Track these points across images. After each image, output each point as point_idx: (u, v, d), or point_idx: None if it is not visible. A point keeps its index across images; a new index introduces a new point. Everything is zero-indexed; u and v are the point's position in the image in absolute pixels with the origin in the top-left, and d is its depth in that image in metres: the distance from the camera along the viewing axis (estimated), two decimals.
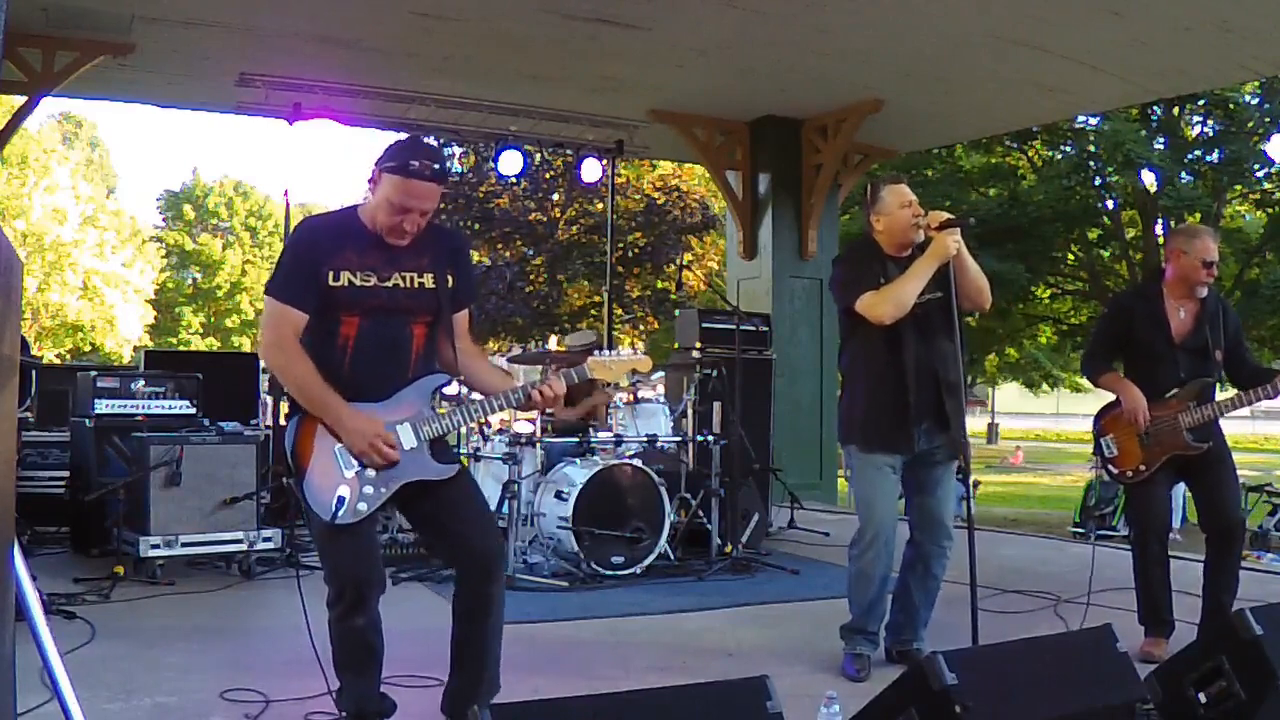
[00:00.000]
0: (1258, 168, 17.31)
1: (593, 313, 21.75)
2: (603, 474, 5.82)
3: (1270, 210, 18.25)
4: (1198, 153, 17.48)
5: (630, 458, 6.14)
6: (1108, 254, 19.87)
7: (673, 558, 6.11)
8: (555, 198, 21.59)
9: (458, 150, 16.20)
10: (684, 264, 13.19)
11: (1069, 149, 17.91)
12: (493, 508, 5.84)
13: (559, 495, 5.85)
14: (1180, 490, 7.13)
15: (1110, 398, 4.46)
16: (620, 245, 19.86)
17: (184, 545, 5.38)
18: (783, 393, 8.81)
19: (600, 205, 19.57)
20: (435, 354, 3.07)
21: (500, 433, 6.63)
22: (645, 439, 6.37)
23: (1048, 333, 22.20)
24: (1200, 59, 7.96)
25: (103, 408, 5.98)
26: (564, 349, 6.80)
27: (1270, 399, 4.19)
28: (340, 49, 7.69)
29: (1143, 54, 7.67)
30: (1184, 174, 17.17)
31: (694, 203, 21.37)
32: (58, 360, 24.21)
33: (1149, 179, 17.49)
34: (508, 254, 21.81)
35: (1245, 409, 4.32)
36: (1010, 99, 9.03)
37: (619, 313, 18.27)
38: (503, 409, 3.20)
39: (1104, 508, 13.50)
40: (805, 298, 9.93)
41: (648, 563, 5.85)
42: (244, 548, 5.53)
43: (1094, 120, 16.46)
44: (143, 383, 6.13)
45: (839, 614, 4.16)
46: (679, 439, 6.65)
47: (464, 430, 6.64)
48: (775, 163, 9.88)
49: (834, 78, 8.50)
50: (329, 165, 22.30)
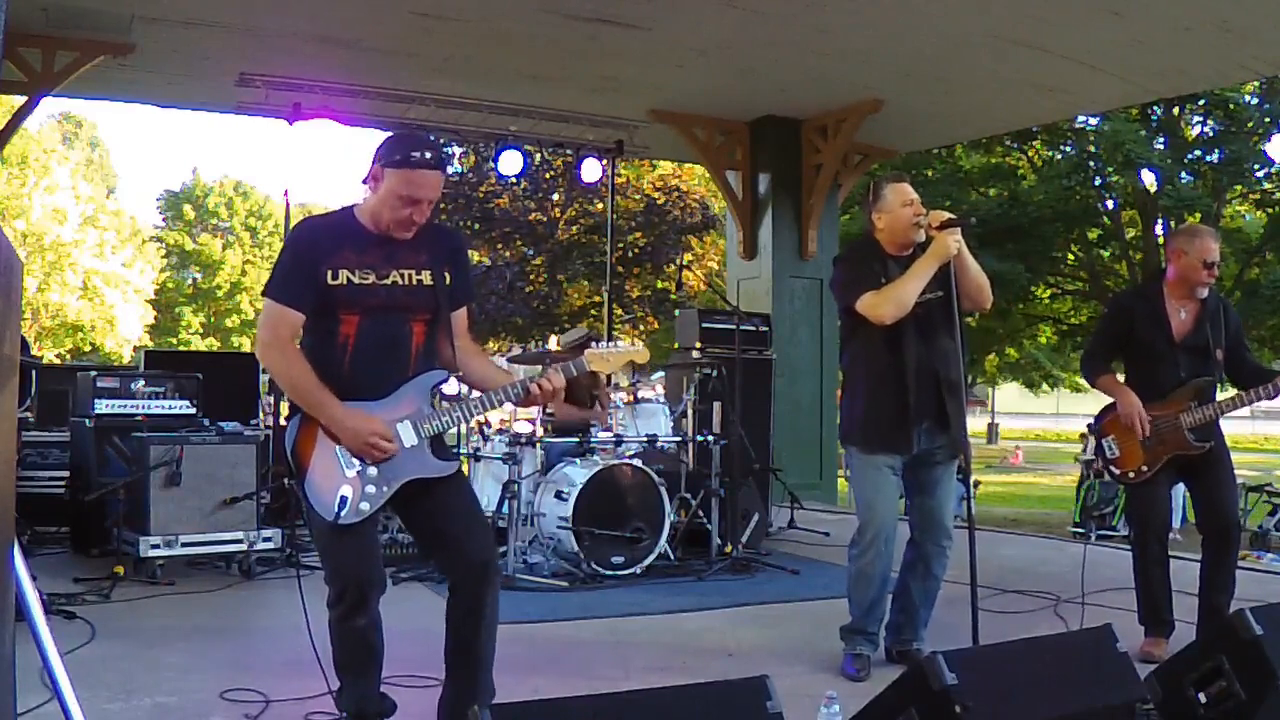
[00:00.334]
0: (1258, 168, 17.31)
1: (593, 313, 21.74)
2: (603, 474, 5.82)
3: (1270, 210, 18.25)
4: (1198, 153, 17.48)
5: (630, 458, 6.13)
6: (1108, 254, 19.87)
7: (673, 558, 6.11)
8: (555, 198, 21.59)
9: (458, 150, 16.22)
10: (684, 264, 13.18)
11: (1069, 149, 17.91)
12: (493, 508, 5.86)
13: (559, 495, 5.85)
14: (1180, 490, 7.14)
15: (1110, 399, 4.46)
16: (620, 245, 19.86)
17: (184, 545, 5.38)
18: (783, 393, 8.82)
19: (600, 205, 19.58)
20: (435, 352, 3.07)
21: (500, 433, 6.63)
22: (645, 439, 6.37)
23: (1048, 333, 22.20)
24: (1200, 59, 7.96)
25: (103, 408, 5.98)
26: (561, 349, 6.79)
27: (1271, 399, 4.19)
28: (340, 49, 7.69)
29: (1143, 54, 7.68)
30: (1184, 174, 17.17)
31: (694, 203, 21.38)
32: (58, 360, 24.20)
33: (1149, 179, 17.49)
34: (508, 254, 21.82)
35: (1245, 409, 4.32)
36: (1010, 99, 9.03)
37: (619, 313, 18.26)
38: (502, 405, 3.19)
39: (1104, 508, 13.51)
40: (805, 298, 9.93)
41: (648, 563, 5.85)
42: (244, 548, 5.54)
43: (1094, 120, 16.47)
44: (143, 383, 6.13)
45: (839, 614, 4.16)
46: (679, 439, 6.65)
47: (464, 429, 6.64)
48: (775, 163, 9.88)
49: (834, 78, 8.50)
50: (329, 165, 22.27)
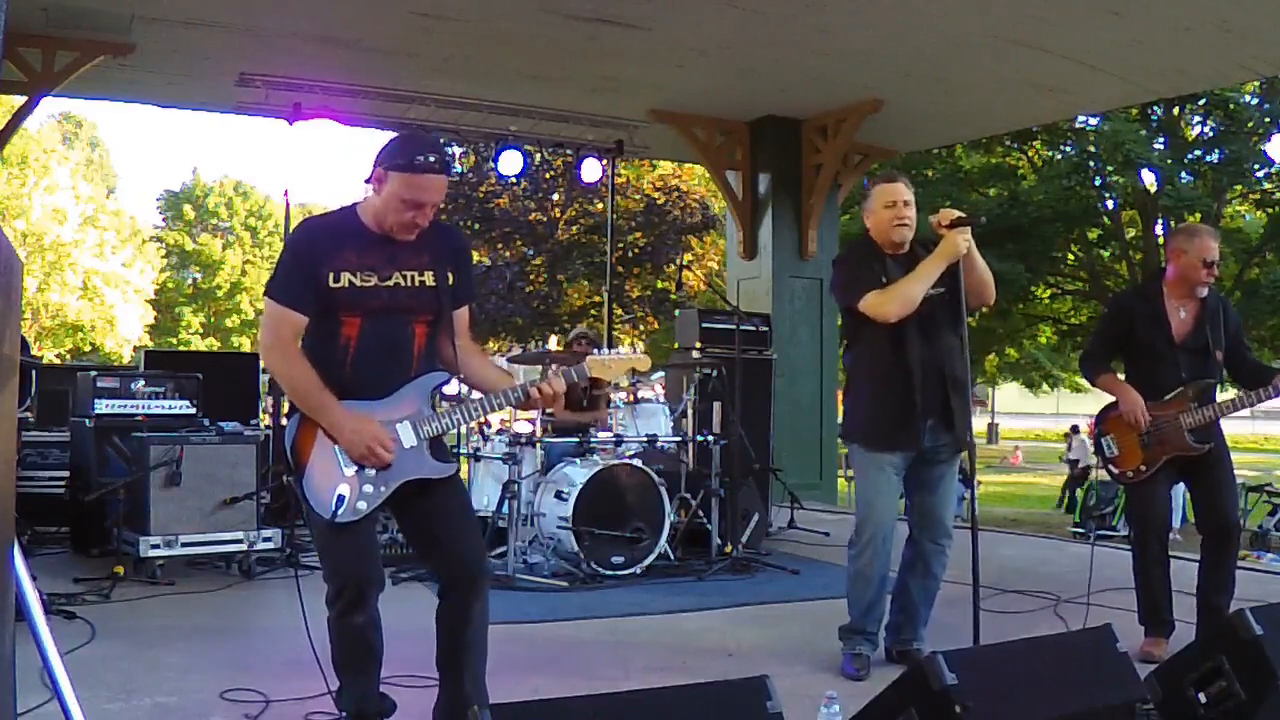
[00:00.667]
0: (1258, 168, 17.33)
1: (593, 313, 21.74)
2: (603, 474, 5.82)
3: (1270, 210, 18.27)
4: (1198, 153, 17.49)
5: (630, 458, 6.13)
6: (1108, 254, 19.89)
7: (673, 558, 6.11)
8: (555, 198, 21.59)
9: (458, 150, 16.20)
10: (684, 264, 13.20)
11: (1069, 149, 17.93)
12: (493, 508, 5.86)
13: (559, 495, 5.84)
14: (1180, 490, 7.14)
15: (1111, 398, 4.46)
16: (620, 245, 19.86)
17: (184, 545, 5.37)
18: (783, 393, 8.81)
19: (600, 205, 19.58)
20: (436, 352, 3.07)
21: (500, 433, 6.63)
22: (645, 439, 6.37)
23: (1048, 333, 22.22)
24: (1200, 59, 7.96)
25: (103, 408, 5.97)
26: (563, 348, 6.80)
27: (1273, 398, 4.19)
28: (340, 49, 7.69)
29: (1143, 54, 7.67)
30: (1184, 174, 17.19)
31: (694, 203, 21.38)
32: (58, 360, 24.20)
33: (1149, 179, 17.51)
34: (508, 254, 21.82)
35: (1245, 409, 4.31)
36: (1010, 99, 9.03)
37: (619, 313, 18.28)
38: (502, 407, 3.19)
39: (1104, 508, 13.53)
40: (805, 298, 9.92)
41: (648, 563, 5.84)
42: (244, 548, 5.53)
43: (1094, 120, 16.47)
44: (143, 383, 6.12)
45: (839, 614, 4.16)
46: (679, 439, 6.65)
47: (464, 430, 6.64)
48: (775, 163, 9.88)
49: (834, 78, 8.50)
50: (329, 165, 22.30)
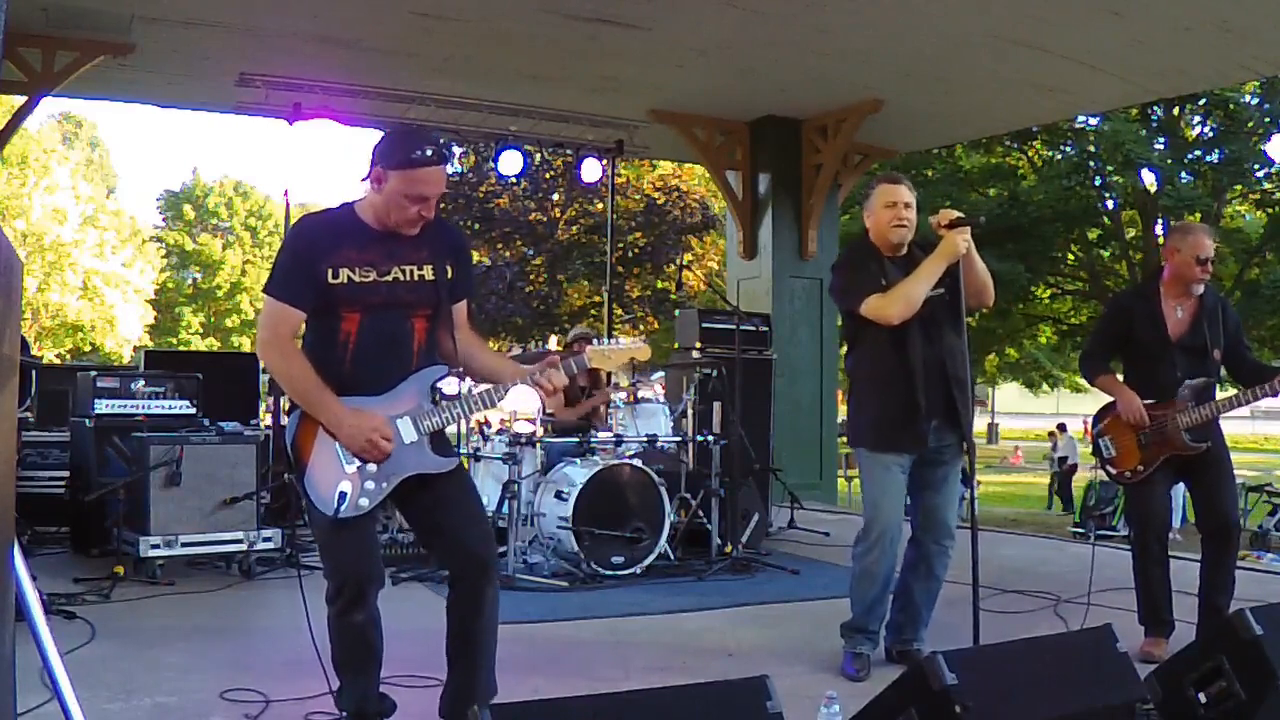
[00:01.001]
0: (1258, 168, 17.34)
1: (593, 313, 21.75)
2: (603, 474, 5.81)
3: (1270, 210, 18.27)
4: (1198, 153, 17.50)
5: (630, 458, 6.13)
6: (1108, 254, 19.90)
7: (673, 558, 6.10)
8: (555, 198, 21.60)
9: (458, 150, 16.21)
10: (684, 264, 13.20)
11: (1069, 149, 17.93)
12: (493, 508, 5.86)
13: (559, 495, 5.84)
14: (1180, 490, 7.14)
15: (1110, 398, 4.46)
16: (620, 245, 19.87)
17: (184, 545, 5.37)
18: (783, 393, 8.81)
19: (600, 205, 19.58)
20: (436, 347, 3.07)
21: (500, 433, 6.62)
22: (645, 439, 6.36)
23: (1048, 333, 22.23)
24: (1200, 59, 7.96)
25: (103, 408, 5.97)
26: (562, 349, 6.79)
27: (1271, 397, 4.18)
28: (340, 49, 7.69)
29: (1143, 54, 7.68)
30: (1184, 174, 17.20)
31: (694, 203, 21.39)
32: (58, 360, 24.21)
33: (1149, 179, 17.51)
34: (508, 254, 21.82)
35: (1245, 408, 4.31)
36: (1010, 99, 9.03)
37: (619, 313, 18.27)
38: (502, 400, 3.16)
39: (1104, 508, 13.52)
40: (805, 298, 9.93)
41: (648, 563, 5.84)
42: (244, 548, 5.53)
43: (1094, 120, 16.48)
44: (143, 383, 6.12)
45: (839, 614, 4.16)
46: (679, 439, 6.64)
47: (464, 429, 6.64)
48: (775, 163, 9.88)
49: (834, 78, 8.50)
50: (329, 165, 22.25)
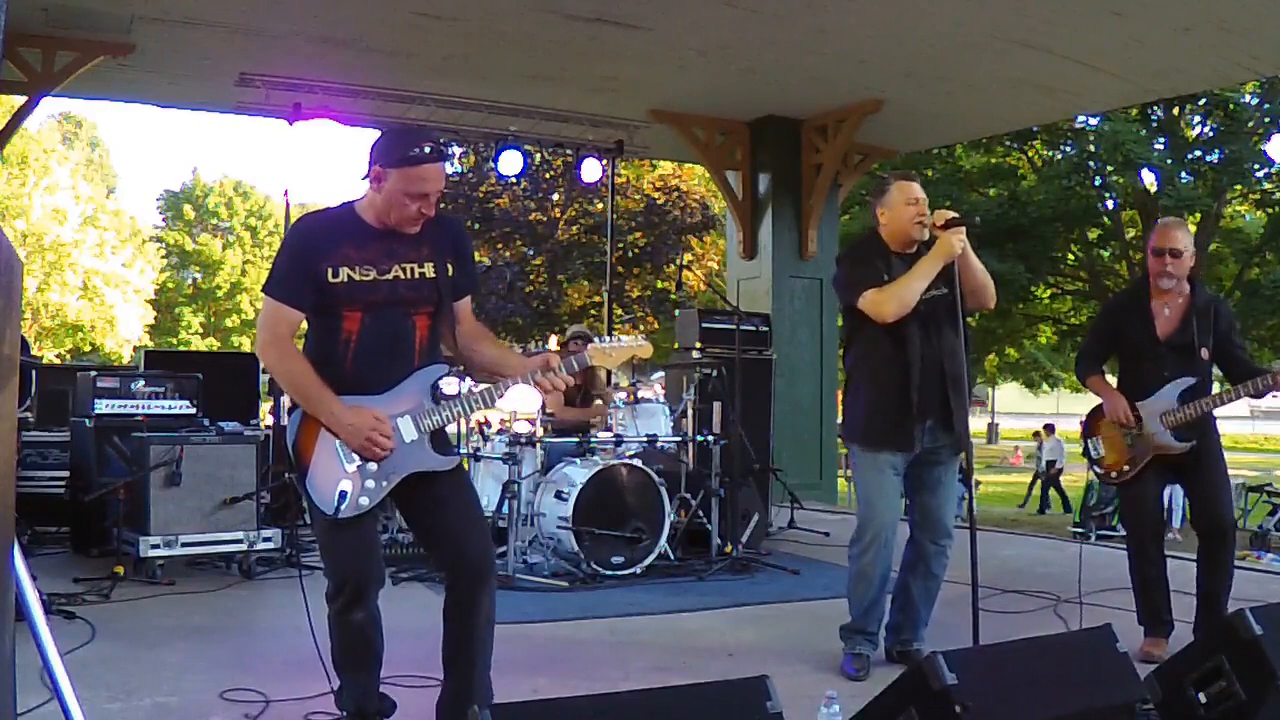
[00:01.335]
0: (1258, 168, 17.33)
1: (593, 313, 21.75)
2: (603, 474, 5.81)
3: (1270, 210, 18.27)
4: (1198, 153, 17.49)
5: (630, 458, 6.13)
6: (1108, 254, 19.90)
7: (673, 558, 6.10)
8: (555, 198, 21.61)
9: (458, 150, 16.21)
10: (684, 264, 13.21)
11: (1069, 149, 17.93)
12: (493, 508, 5.86)
13: (559, 495, 5.84)
14: (1180, 490, 7.14)
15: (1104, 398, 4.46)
16: (620, 245, 19.88)
17: (184, 545, 5.37)
18: (783, 393, 8.82)
19: (600, 205, 19.59)
20: (438, 345, 3.06)
21: (500, 433, 6.62)
22: (645, 439, 6.36)
23: (1048, 333, 22.23)
24: (1200, 59, 7.96)
25: (103, 408, 5.98)
26: (560, 348, 6.79)
27: (1256, 397, 4.16)
28: (340, 49, 7.69)
29: (1143, 54, 7.68)
30: (1184, 174, 17.19)
31: (694, 203, 21.39)
32: (58, 360, 24.20)
33: (1149, 179, 17.51)
34: (508, 254, 21.83)
35: (1245, 409, 4.30)
36: (1010, 99, 9.03)
37: (619, 313, 18.26)
38: (502, 397, 3.15)
39: (1104, 508, 13.51)
40: (805, 298, 9.93)
41: (648, 563, 5.84)
42: (244, 548, 5.53)
43: (1094, 120, 16.48)
44: (143, 383, 6.12)
45: (839, 614, 4.16)
46: (679, 439, 6.64)
47: (464, 429, 6.64)
48: (775, 163, 9.88)
49: (834, 78, 8.50)
50: (329, 165, 22.30)
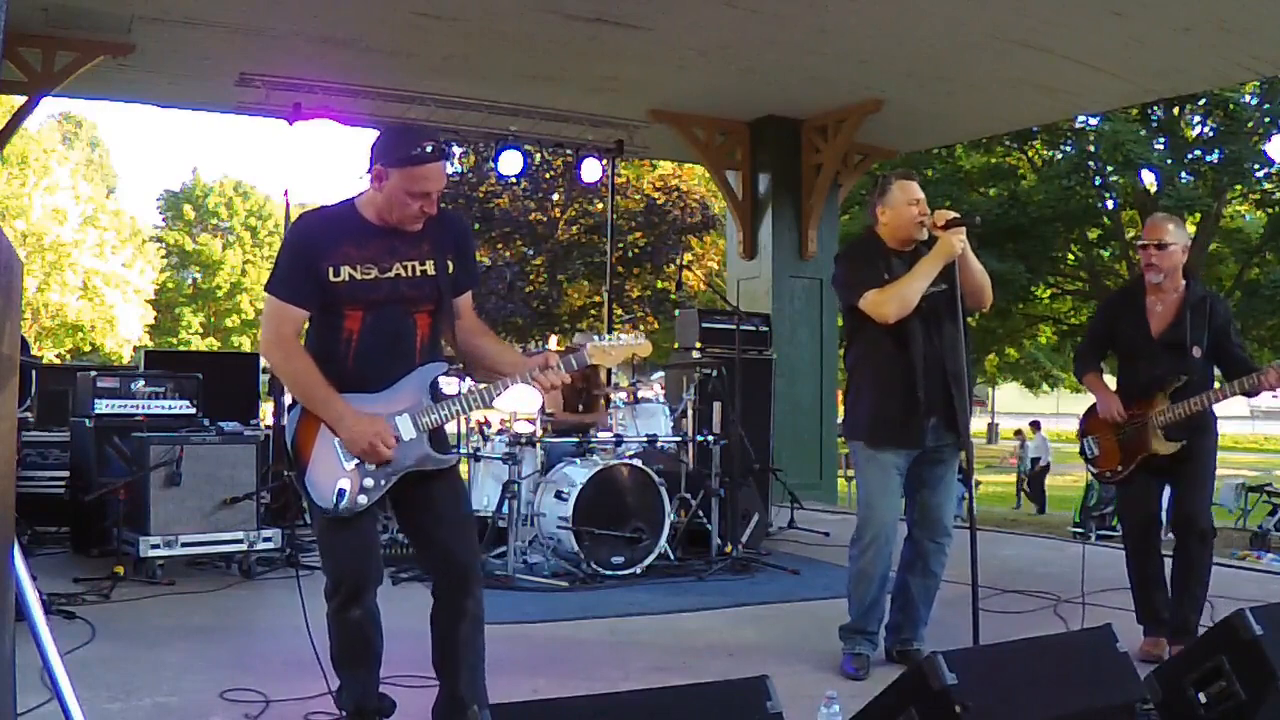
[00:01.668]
0: (1258, 168, 17.33)
1: (593, 313, 21.76)
2: (603, 474, 5.81)
3: (1270, 210, 18.27)
4: (1198, 153, 17.49)
5: (630, 458, 6.13)
6: (1108, 254, 19.90)
7: (673, 558, 6.10)
8: (555, 198, 21.60)
9: (458, 150, 16.20)
10: (684, 264, 13.21)
11: (1069, 149, 17.93)
12: (493, 508, 5.86)
13: (559, 495, 5.84)
14: None
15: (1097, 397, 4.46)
16: (620, 245, 19.87)
17: (184, 545, 5.37)
18: (783, 393, 8.81)
19: (600, 205, 19.59)
20: (439, 342, 3.06)
21: (500, 433, 6.62)
22: (645, 439, 6.36)
23: (1048, 333, 22.24)
24: (1200, 59, 7.96)
25: (103, 408, 5.98)
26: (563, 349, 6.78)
27: (1248, 396, 4.14)
28: (340, 49, 7.69)
29: (1143, 54, 7.68)
30: (1184, 174, 17.19)
31: (694, 203, 21.39)
32: (58, 360, 24.20)
33: (1149, 179, 17.51)
34: (508, 254, 21.82)
35: (1245, 409, 4.30)
36: (1010, 99, 9.03)
37: (619, 313, 18.26)
38: (500, 395, 3.15)
39: (1104, 508, 13.50)
40: (805, 298, 9.93)
41: (648, 563, 5.84)
42: (244, 548, 5.53)
43: (1094, 120, 16.47)
44: (143, 383, 6.12)
45: (839, 614, 4.16)
46: (679, 439, 6.65)
47: (464, 429, 6.64)
48: (775, 163, 9.88)
49: (834, 78, 8.50)
50: (329, 165, 22.29)
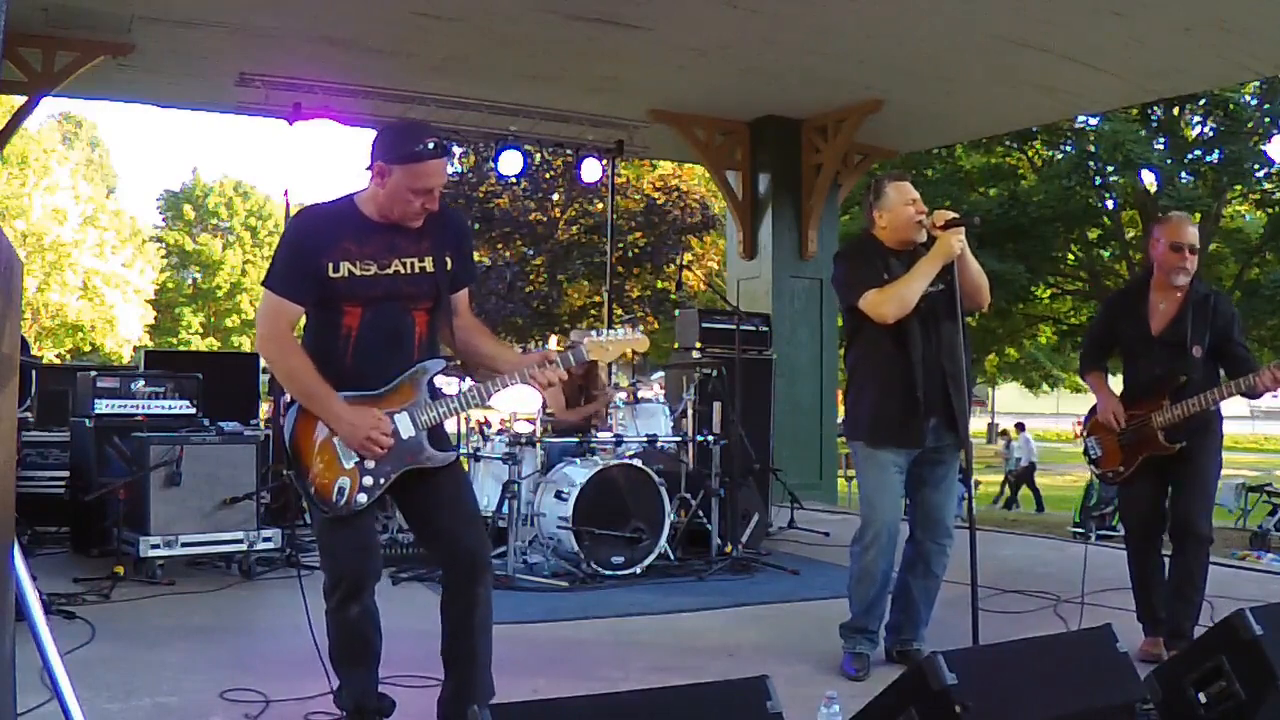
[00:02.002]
0: (1258, 168, 17.34)
1: (593, 313, 21.76)
2: (603, 474, 5.81)
3: (1270, 210, 18.28)
4: (1198, 153, 17.50)
5: (630, 458, 6.13)
6: (1108, 254, 19.91)
7: (673, 558, 6.10)
8: (555, 198, 21.60)
9: (458, 150, 16.20)
10: (684, 264, 13.21)
11: (1069, 149, 17.93)
12: (493, 508, 5.86)
13: (559, 495, 5.84)
14: None
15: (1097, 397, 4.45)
16: (620, 245, 19.87)
17: (184, 545, 5.37)
18: (783, 393, 8.82)
19: (600, 205, 19.59)
20: (437, 339, 3.07)
21: (500, 433, 6.62)
22: (645, 439, 6.36)
23: (1048, 333, 22.24)
24: (1200, 59, 7.96)
25: (103, 408, 5.98)
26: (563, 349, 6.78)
27: (1249, 397, 4.12)
28: (340, 49, 7.69)
29: (1143, 54, 7.68)
30: (1184, 174, 17.20)
31: (694, 203, 21.39)
32: (58, 360, 24.20)
33: (1149, 179, 17.51)
34: (508, 254, 21.83)
35: (1245, 409, 4.30)
36: (1010, 99, 9.03)
37: (619, 313, 18.27)
38: (498, 393, 3.14)
39: (1104, 508, 13.51)
40: (805, 298, 9.93)
41: (648, 563, 5.84)
42: (244, 548, 5.53)
43: (1094, 120, 16.48)
44: (143, 383, 6.13)
45: (839, 614, 4.16)
46: (679, 439, 6.65)
47: (464, 429, 6.64)
48: (775, 163, 9.88)
49: (834, 78, 8.50)
50: (329, 165, 22.22)
